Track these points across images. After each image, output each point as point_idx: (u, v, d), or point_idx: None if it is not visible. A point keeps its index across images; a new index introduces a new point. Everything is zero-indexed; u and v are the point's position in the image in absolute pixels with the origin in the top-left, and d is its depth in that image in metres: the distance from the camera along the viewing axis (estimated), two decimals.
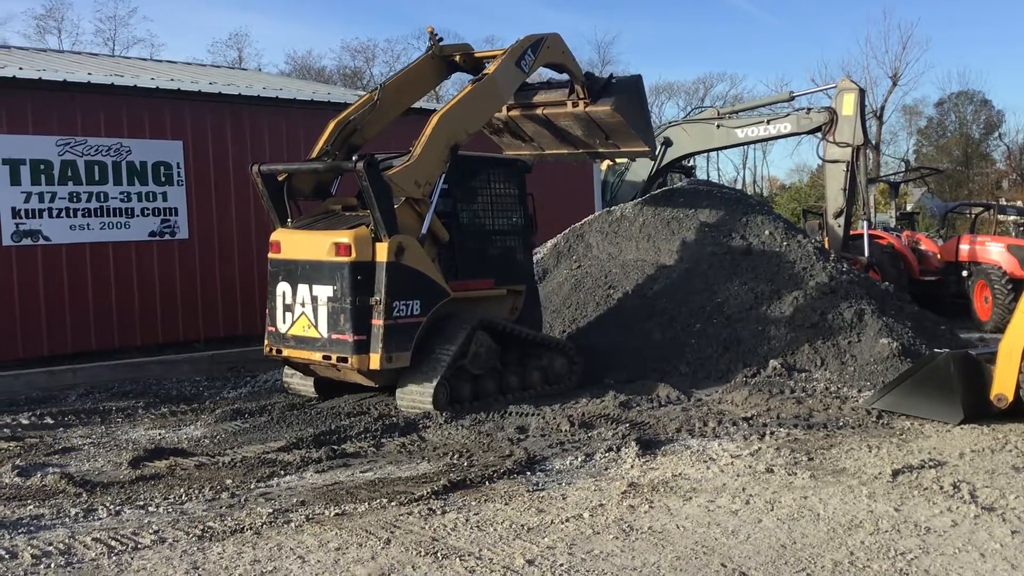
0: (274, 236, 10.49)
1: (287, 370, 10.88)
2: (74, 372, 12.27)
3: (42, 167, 12.56)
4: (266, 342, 10.48)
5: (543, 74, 13.19)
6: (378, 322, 9.61)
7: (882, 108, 51.55)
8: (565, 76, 12.18)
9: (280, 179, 10.58)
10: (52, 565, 5.58)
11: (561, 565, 5.46)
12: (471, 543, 5.86)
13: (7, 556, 5.72)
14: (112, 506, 6.73)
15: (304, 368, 10.51)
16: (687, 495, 6.76)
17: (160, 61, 21.81)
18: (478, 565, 5.48)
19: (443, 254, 10.43)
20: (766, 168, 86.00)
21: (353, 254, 9.62)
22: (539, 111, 12.47)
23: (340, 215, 10.50)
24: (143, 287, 13.36)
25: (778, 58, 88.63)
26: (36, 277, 12.48)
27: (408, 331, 9.76)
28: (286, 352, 10.25)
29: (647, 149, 12.89)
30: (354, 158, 10.02)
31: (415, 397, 9.73)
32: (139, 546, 5.88)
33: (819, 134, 16.09)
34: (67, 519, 6.48)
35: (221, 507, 6.69)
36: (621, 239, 13.49)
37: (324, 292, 9.81)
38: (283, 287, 10.21)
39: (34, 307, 12.45)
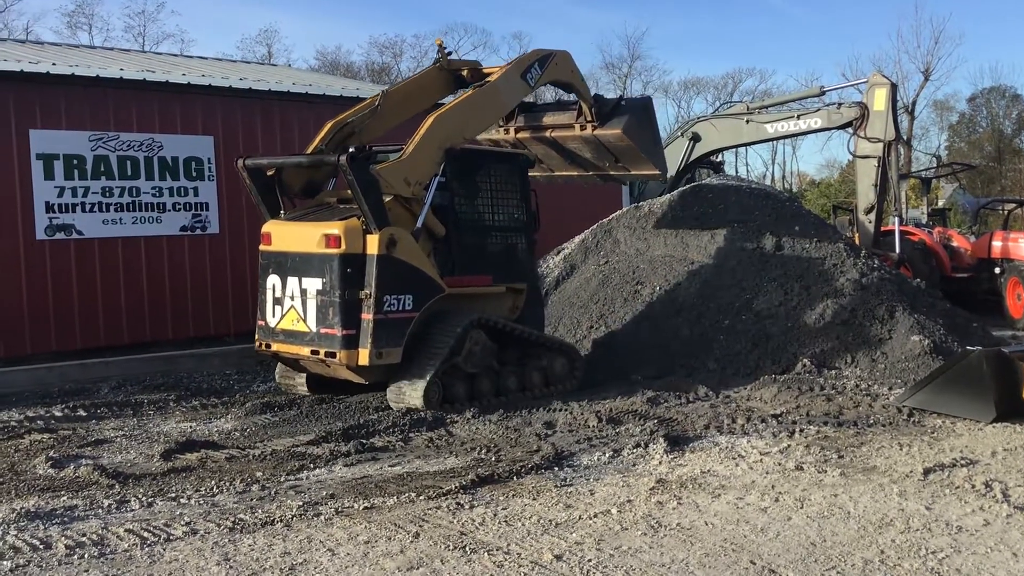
0: (265, 228, 10.28)
1: (279, 367, 10.71)
2: (106, 365, 12.39)
3: (75, 162, 12.70)
4: (256, 337, 10.26)
5: (549, 95, 13.07)
6: (368, 316, 9.37)
7: (913, 103, 51.05)
8: (574, 96, 11.99)
9: (269, 173, 10.38)
10: (86, 556, 5.65)
11: (589, 561, 5.46)
12: (499, 538, 5.88)
13: (42, 546, 5.80)
14: (144, 498, 6.80)
15: (295, 364, 10.26)
16: (716, 492, 6.74)
17: (191, 57, 21.97)
18: (506, 560, 5.50)
19: (439, 249, 10.19)
20: (795, 163, 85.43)
21: (343, 246, 9.40)
22: (547, 133, 12.30)
23: (334, 207, 10.23)
24: (174, 281, 13.48)
25: (808, 53, 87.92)
26: (69, 271, 12.62)
27: (399, 327, 9.53)
28: (275, 347, 10.03)
29: (658, 172, 12.66)
30: (350, 151, 9.67)
31: (405, 395, 9.49)
32: (171, 537, 5.94)
33: (850, 129, 15.96)
34: (100, 510, 6.55)
35: (252, 499, 6.75)
36: (649, 235, 13.45)
37: (313, 285, 9.58)
38: (273, 280, 9.97)
39: (67, 300, 12.60)
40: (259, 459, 7.84)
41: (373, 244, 9.42)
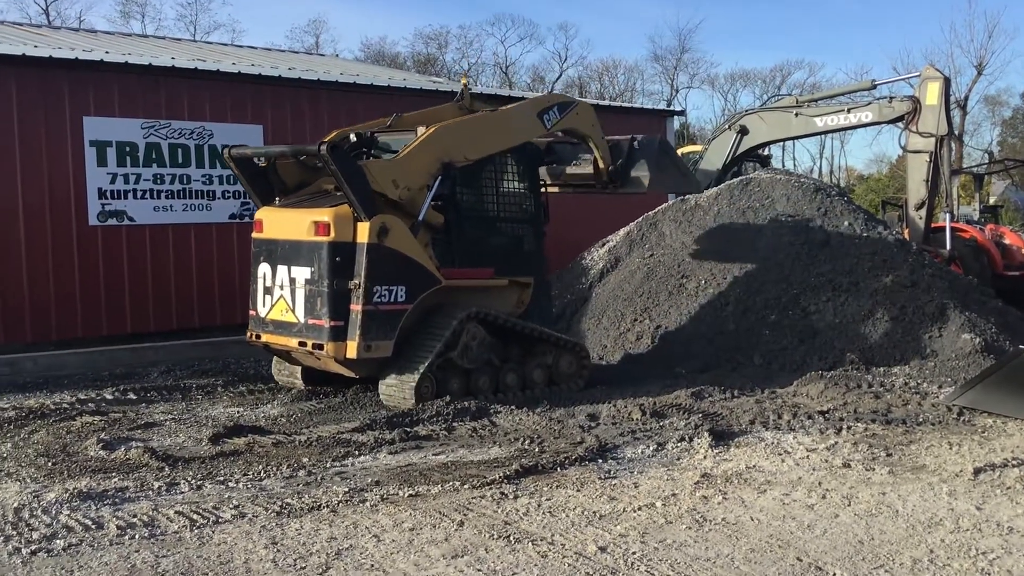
0: (258, 214, 10.02)
1: (274, 363, 10.52)
2: (156, 350, 12.59)
3: (127, 149, 12.89)
4: (248, 327, 10.03)
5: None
6: (356, 307, 9.04)
7: (966, 98, 50.29)
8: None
9: (262, 164, 10.12)
10: (136, 537, 5.75)
11: (633, 553, 5.46)
12: (543, 528, 5.89)
13: (94, 527, 5.91)
14: (193, 480, 6.90)
15: (288, 356, 10.00)
16: (761, 487, 6.69)
17: (240, 46, 22.19)
18: (550, 550, 5.51)
19: (438, 240, 9.84)
20: (844, 158, 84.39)
21: (332, 234, 9.06)
22: (571, 190, 12.04)
23: (331, 195, 9.80)
24: (223, 268, 13.63)
25: (858, 46, 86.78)
26: (121, 257, 12.82)
27: (391, 319, 9.19)
28: (265, 337, 9.77)
29: (691, 191, 12.44)
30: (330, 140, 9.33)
31: (396, 390, 9.20)
32: (220, 520, 6.03)
33: (901, 124, 15.74)
34: (150, 492, 6.66)
35: (298, 484, 6.82)
36: (695, 228, 13.36)
37: (302, 274, 9.28)
38: (264, 268, 9.70)
39: (118, 286, 12.80)
40: (305, 445, 7.92)
41: (363, 232, 9.08)
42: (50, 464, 7.37)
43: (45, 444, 8.02)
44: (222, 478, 6.97)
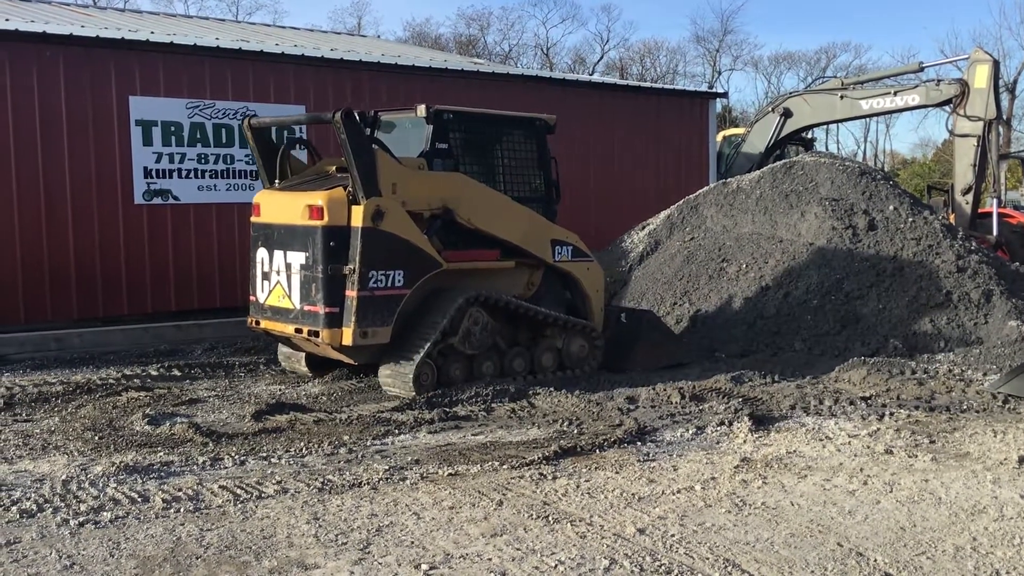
0: (256, 198, 9.78)
1: (281, 349, 10.34)
2: (200, 327, 12.72)
3: (172, 129, 13.01)
4: (249, 313, 9.88)
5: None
6: (352, 293, 8.80)
7: (1015, 82, 49.22)
8: None
9: (278, 145, 9.92)
10: (182, 510, 5.85)
11: (672, 536, 5.46)
12: (582, 509, 5.91)
13: (140, 500, 6.02)
14: (237, 456, 6.99)
15: (289, 342, 9.82)
16: (802, 473, 6.66)
17: (283, 27, 22.32)
18: (589, 531, 5.53)
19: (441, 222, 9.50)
20: (889, 142, 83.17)
21: (325, 218, 8.80)
22: None
23: (330, 177, 9.50)
24: None
25: (906, 28, 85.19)
26: (165, 235, 12.97)
27: (388, 304, 8.94)
28: (263, 324, 9.61)
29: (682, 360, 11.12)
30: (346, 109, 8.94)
31: (394, 378, 9.01)
32: (263, 495, 6.11)
33: (948, 107, 15.52)
34: (195, 467, 6.76)
35: (339, 462, 6.90)
36: (736, 212, 13.27)
37: (297, 259, 9.07)
38: (261, 253, 9.51)
39: (163, 264, 12.95)
40: (346, 423, 8.00)
41: (358, 216, 8.80)
42: (97, 438, 7.51)
43: (92, 418, 8.16)
44: (265, 454, 7.06)
